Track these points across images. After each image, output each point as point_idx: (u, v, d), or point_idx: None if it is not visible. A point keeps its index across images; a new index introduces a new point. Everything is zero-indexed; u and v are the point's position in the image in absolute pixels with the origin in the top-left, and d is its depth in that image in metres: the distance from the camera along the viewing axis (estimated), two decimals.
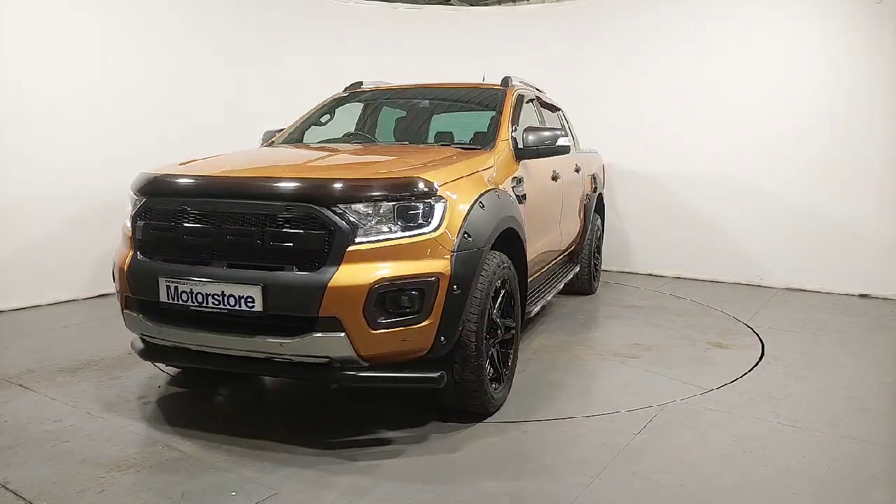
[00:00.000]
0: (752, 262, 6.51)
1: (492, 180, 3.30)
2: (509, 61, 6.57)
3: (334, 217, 2.62)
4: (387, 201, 2.69)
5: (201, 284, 2.70)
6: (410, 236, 2.69)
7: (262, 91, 6.76)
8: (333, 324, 2.58)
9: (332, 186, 2.68)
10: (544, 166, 4.25)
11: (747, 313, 5.30)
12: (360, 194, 2.67)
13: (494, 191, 3.20)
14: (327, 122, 4.56)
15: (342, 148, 3.95)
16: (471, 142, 3.90)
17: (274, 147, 4.26)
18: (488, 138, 3.77)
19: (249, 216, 2.70)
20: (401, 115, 4.76)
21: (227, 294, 2.66)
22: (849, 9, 5.89)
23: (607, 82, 7.06)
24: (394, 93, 4.77)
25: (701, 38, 6.62)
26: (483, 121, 4.07)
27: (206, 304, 2.69)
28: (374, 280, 2.58)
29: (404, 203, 2.71)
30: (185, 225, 2.81)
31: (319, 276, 2.58)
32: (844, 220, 6.04)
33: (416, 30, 7.70)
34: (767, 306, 5.61)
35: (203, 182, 2.92)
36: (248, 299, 2.63)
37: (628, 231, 7.09)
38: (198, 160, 3.40)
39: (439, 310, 2.70)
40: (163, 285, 2.78)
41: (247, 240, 2.69)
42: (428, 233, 2.72)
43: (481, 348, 2.90)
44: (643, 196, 7.00)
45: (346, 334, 2.58)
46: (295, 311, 2.62)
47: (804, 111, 6.13)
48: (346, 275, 2.57)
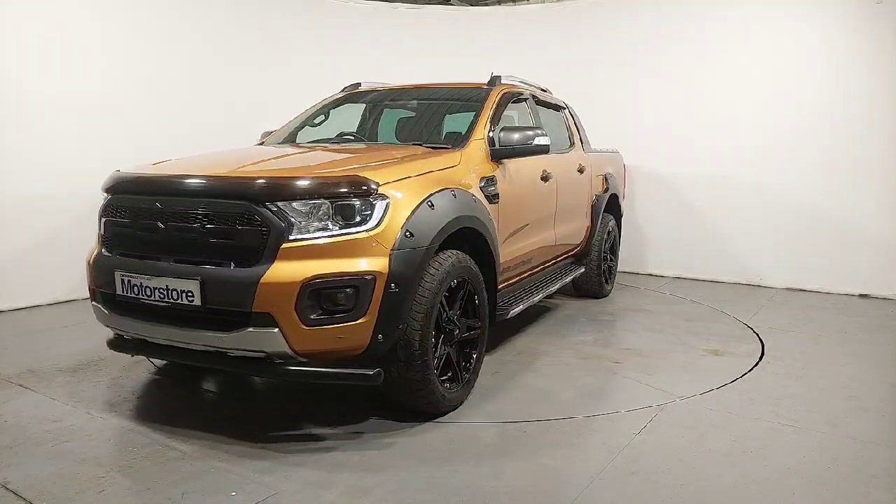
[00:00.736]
0: (752, 262, 6.51)
1: (452, 180, 3.30)
2: (509, 61, 6.57)
3: (269, 214, 2.67)
4: (323, 199, 2.73)
5: (149, 278, 2.84)
6: (347, 234, 2.72)
7: (263, 91, 6.76)
8: (267, 319, 2.63)
9: (266, 185, 2.76)
10: (530, 166, 4.20)
11: (747, 313, 5.30)
12: (294, 192, 2.73)
13: (450, 190, 3.20)
14: (321, 122, 4.62)
15: (318, 148, 3.98)
16: (444, 141, 3.89)
17: (255, 147, 4.30)
18: (462, 138, 3.78)
19: (192, 213, 2.81)
20: (387, 115, 4.82)
21: (170, 288, 2.78)
22: (849, 9, 5.90)
23: (606, 82, 7.06)
24: (385, 94, 4.79)
25: (700, 38, 6.62)
26: (465, 121, 4.06)
27: (154, 297, 2.83)
28: (307, 277, 2.62)
29: (342, 201, 2.75)
30: (139, 222, 2.96)
31: (253, 272, 2.64)
32: (844, 220, 6.05)
33: (416, 30, 7.70)
34: (767, 306, 5.61)
35: (153, 181, 3.05)
36: (188, 293, 2.73)
37: (627, 231, 7.08)
38: (170, 160, 3.52)
39: (376, 308, 2.71)
40: (118, 278, 2.94)
41: (190, 236, 2.80)
42: (366, 231, 2.75)
43: (426, 347, 2.90)
44: (642, 196, 7.01)
45: (280, 330, 2.63)
46: (230, 305, 2.69)
47: (804, 111, 6.13)
48: (279, 271, 2.63)
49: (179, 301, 2.75)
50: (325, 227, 2.72)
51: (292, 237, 2.67)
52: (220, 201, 2.77)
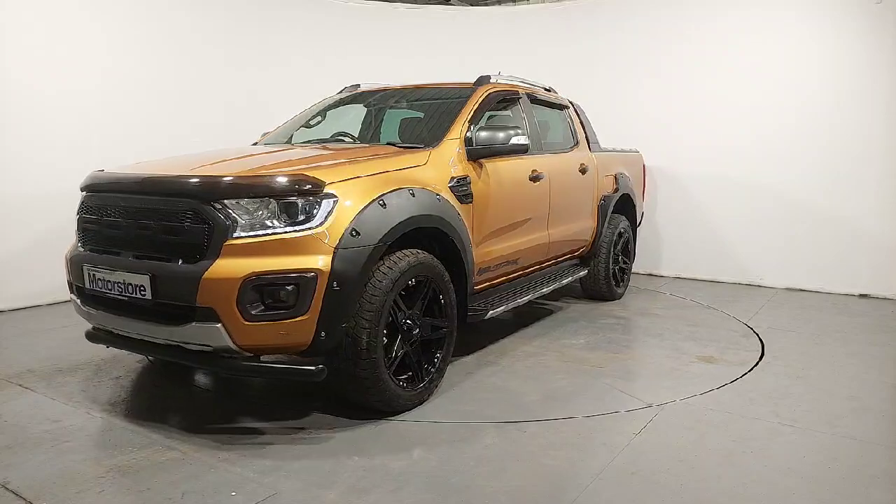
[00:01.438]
0: (752, 262, 6.51)
1: (413, 179, 3.32)
2: (510, 61, 6.57)
3: (213, 212, 2.75)
4: (267, 198, 2.79)
5: (110, 272, 2.98)
6: (290, 232, 2.77)
7: (263, 91, 6.76)
8: (210, 314, 2.70)
9: (211, 183, 2.85)
10: (515, 166, 4.18)
11: (747, 314, 5.30)
12: (237, 191, 2.80)
13: (408, 189, 3.21)
14: (318, 123, 4.67)
15: (300, 147, 4.05)
16: (424, 141, 3.86)
17: (234, 147, 4.31)
18: (436, 137, 3.79)
19: (147, 211, 2.94)
20: (378, 116, 4.86)
21: (126, 282, 2.91)
22: (849, 9, 5.90)
23: (606, 82, 7.06)
24: (380, 95, 4.82)
25: (701, 38, 6.62)
26: (448, 120, 4.04)
27: (114, 291, 2.97)
28: (248, 273, 2.67)
29: (286, 200, 2.81)
30: (103, 219, 3.12)
31: (196, 268, 2.72)
32: (844, 220, 6.05)
33: (416, 30, 7.71)
34: (767, 306, 5.61)
35: (116, 181, 3.18)
36: (141, 288, 2.85)
37: None
38: (149, 160, 3.67)
39: (318, 305, 2.75)
40: (86, 273, 3.10)
41: (146, 233, 2.92)
42: (309, 229, 2.79)
43: (375, 345, 2.92)
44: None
45: (222, 325, 2.69)
46: (176, 300, 2.78)
47: (804, 111, 6.13)
48: (221, 267, 2.70)
49: (134, 295, 2.88)
50: (270, 225, 2.78)
51: (236, 234, 2.74)
52: (171, 200, 2.88)
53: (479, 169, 3.82)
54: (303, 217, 2.80)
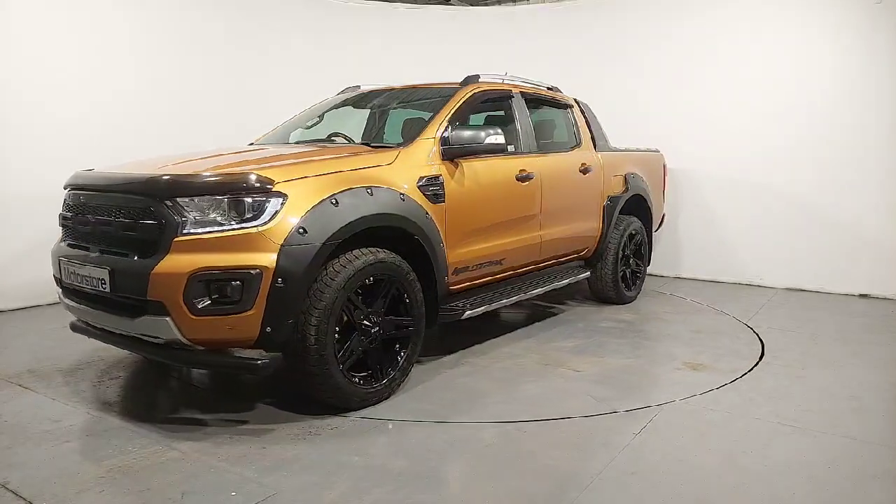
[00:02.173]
0: (752, 262, 6.51)
1: (374, 178, 3.34)
2: (510, 61, 6.56)
3: (165, 210, 2.85)
4: (217, 196, 2.87)
5: (80, 266, 3.14)
6: (237, 229, 2.84)
7: (263, 91, 6.75)
8: (159, 308, 2.80)
9: (164, 182, 2.95)
10: (499, 165, 4.15)
11: (747, 314, 5.30)
12: (188, 189, 2.89)
13: (365, 188, 3.23)
14: (314, 124, 4.70)
15: (280, 147, 4.16)
16: (409, 140, 3.84)
17: (222, 147, 4.32)
18: (410, 137, 3.82)
19: (110, 208, 3.07)
20: (376, 117, 4.89)
21: (91, 276, 3.06)
22: (849, 9, 5.90)
23: (606, 81, 7.05)
24: (375, 95, 4.83)
25: (701, 38, 6.62)
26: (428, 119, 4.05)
27: (83, 283, 3.13)
28: (194, 269, 2.75)
29: (234, 198, 2.88)
30: (77, 216, 3.27)
31: (147, 263, 2.82)
32: (844, 220, 6.05)
33: (416, 30, 7.71)
34: (767, 306, 5.61)
35: (88, 179, 3.32)
36: (102, 281, 2.99)
37: None
38: (128, 160, 3.83)
39: (263, 301, 2.81)
40: (62, 266, 3.28)
41: (108, 229, 3.06)
42: (255, 227, 2.85)
43: (324, 342, 2.96)
44: None
45: (171, 318, 2.78)
46: (129, 293, 2.90)
47: (804, 111, 6.13)
48: (170, 263, 2.79)
49: (98, 288, 3.03)
50: (219, 222, 2.85)
51: (186, 231, 2.82)
52: (129, 197, 3.01)
53: (454, 168, 3.82)
54: (251, 215, 2.87)
